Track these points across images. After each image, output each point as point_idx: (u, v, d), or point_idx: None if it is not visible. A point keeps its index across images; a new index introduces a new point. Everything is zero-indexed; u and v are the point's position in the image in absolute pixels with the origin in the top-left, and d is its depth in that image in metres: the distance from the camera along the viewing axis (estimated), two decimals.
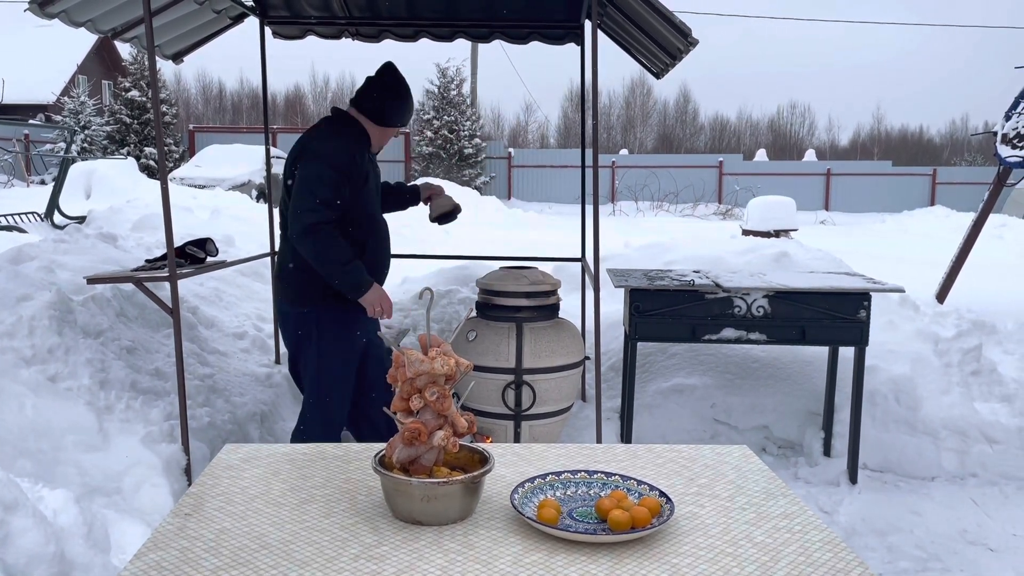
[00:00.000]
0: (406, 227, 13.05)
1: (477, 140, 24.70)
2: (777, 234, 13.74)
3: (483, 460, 1.65)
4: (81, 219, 10.51)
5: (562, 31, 5.33)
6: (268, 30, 5.31)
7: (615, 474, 1.71)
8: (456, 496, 1.54)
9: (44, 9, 3.59)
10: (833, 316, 3.97)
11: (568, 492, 1.67)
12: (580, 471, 1.72)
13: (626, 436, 4.31)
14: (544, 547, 1.45)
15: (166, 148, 21.75)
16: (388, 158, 24.18)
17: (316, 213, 3.14)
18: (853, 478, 4.13)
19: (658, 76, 4.88)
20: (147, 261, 4.26)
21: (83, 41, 29.57)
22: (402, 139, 25.30)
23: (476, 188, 22.35)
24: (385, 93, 3.42)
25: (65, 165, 12.29)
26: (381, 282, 3.46)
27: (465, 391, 1.95)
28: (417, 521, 1.54)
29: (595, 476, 1.71)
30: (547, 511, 1.52)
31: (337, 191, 3.18)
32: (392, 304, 3.36)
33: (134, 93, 23.65)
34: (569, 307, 5.00)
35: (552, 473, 1.71)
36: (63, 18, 3.82)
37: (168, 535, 1.49)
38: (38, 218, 11.25)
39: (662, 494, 1.61)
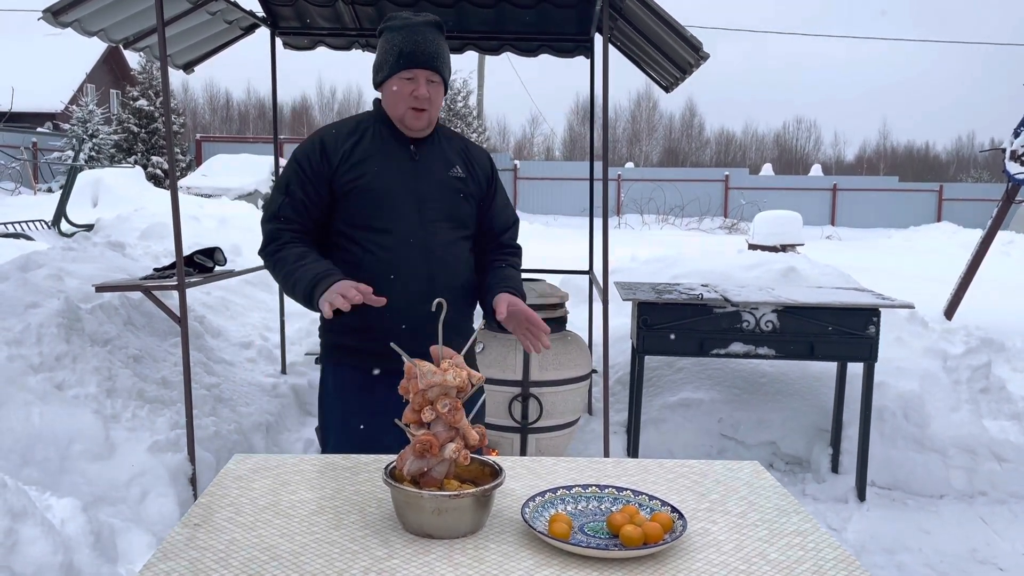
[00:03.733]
0: None
1: None
2: (784, 248, 13.73)
3: (494, 473, 1.64)
4: (88, 227, 10.54)
5: (572, 44, 5.35)
6: (279, 41, 5.34)
7: (626, 489, 1.70)
8: (467, 509, 1.53)
9: (58, 18, 3.61)
10: (842, 332, 3.96)
11: (579, 507, 1.66)
12: (591, 485, 1.71)
13: (633, 450, 4.29)
14: (556, 562, 1.44)
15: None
16: None
17: (262, 235, 2.32)
18: (861, 495, 4.10)
19: (668, 90, 4.89)
20: (155, 270, 4.27)
21: (92, 50, 29.77)
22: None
23: None
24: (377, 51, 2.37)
25: (73, 173, 12.33)
26: (394, 324, 2.20)
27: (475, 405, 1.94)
28: (428, 534, 1.53)
29: (606, 491, 1.70)
30: (559, 526, 1.51)
31: (291, 198, 2.27)
32: (356, 292, 1.98)
33: (142, 102, 23.75)
34: (576, 320, 5.00)
35: (563, 487, 1.69)
36: (76, 27, 3.83)
37: (178, 545, 1.49)
38: (45, 226, 11.28)
39: (674, 510, 1.60)
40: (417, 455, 1.57)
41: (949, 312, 6.81)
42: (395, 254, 2.24)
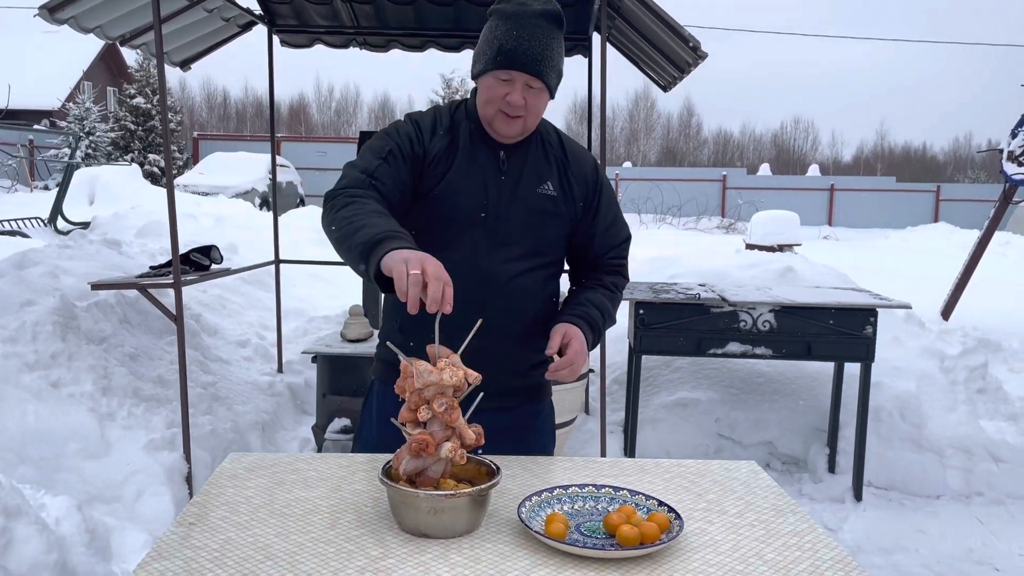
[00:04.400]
0: None
1: None
2: (781, 248, 13.73)
3: (490, 473, 1.63)
4: (85, 225, 10.52)
5: (570, 43, 5.33)
6: (276, 39, 5.32)
7: (623, 488, 1.69)
8: (463, 509, 1.53)
9: (54, 15, 3.60)
10: (839, 332, 3.95)
11: (575, 506, 1.65)
12: (587, 485, 1.70)
13: (630, 450, 4.28)
14: (553, 562, 1.43)
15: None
16: None
17: (342, 178, 1.90)
18: (858, 495, 4.10)
19: (665, 89, 4.88)
20: (151, 268, 4.26)
21: (89, 48, 29.71)
22: None
23: None
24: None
25: (69, 171, 12.31)
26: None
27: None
28: (423, 534, 1.52)
29: (603, 490, 1.69)
30: (555, 525, 1.50)
31: (390, 165, 1.90)
32: (448, 288, 1.58)
33: (139, 100, 23.73)
34: None
35: (559, 487, 1.69)
36: (72, 24, 3.82)
37: (172, 545, 1.48)
38: (41, 223, 11.26)
39: (671, 510, 1.59)
40: (413, 454, 1.56)
41: (946, 312, 6.82)
42: (453, 276, 1.65)
